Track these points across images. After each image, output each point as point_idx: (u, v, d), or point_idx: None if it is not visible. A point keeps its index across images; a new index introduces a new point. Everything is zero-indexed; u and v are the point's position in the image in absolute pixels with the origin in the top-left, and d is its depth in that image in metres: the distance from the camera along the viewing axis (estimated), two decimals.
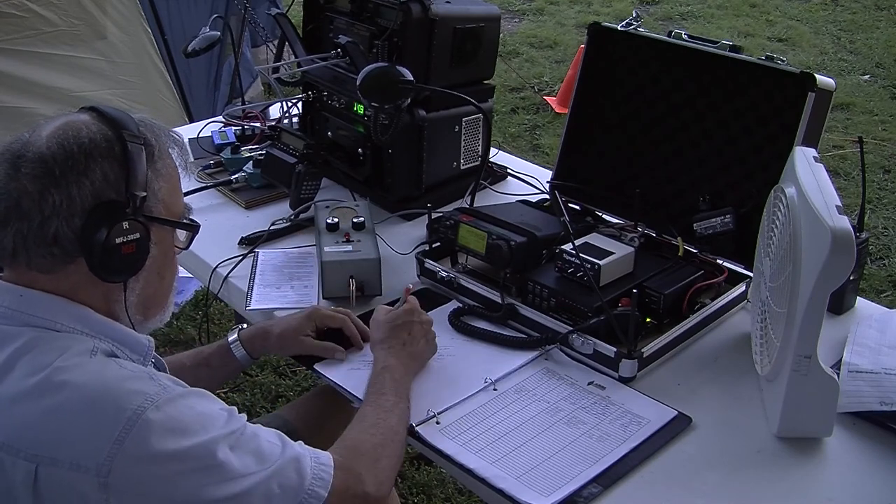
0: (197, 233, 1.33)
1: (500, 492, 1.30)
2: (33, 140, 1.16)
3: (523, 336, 1.63)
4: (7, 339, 1.15)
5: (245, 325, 1.67)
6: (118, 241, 1.15)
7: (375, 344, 1.55)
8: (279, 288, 1.82)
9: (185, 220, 1.30)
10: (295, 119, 2.37)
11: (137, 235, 1.17)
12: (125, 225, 1.16)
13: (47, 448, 1.08)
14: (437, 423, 1.44)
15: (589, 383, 1.53)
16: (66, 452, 1.07)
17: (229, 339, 1.63)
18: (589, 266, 1.60)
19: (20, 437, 1.09)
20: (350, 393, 1.52)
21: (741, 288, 1.72)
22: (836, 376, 1.37)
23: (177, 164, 1.28)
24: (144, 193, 1.19)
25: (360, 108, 2.10)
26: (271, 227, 2.00)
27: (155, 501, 1.09)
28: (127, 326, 1.23)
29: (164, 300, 1.31)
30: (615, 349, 1.52)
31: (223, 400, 1.21)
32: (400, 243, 1.96)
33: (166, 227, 1.26)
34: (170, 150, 1.27)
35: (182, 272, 1.55)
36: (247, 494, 1.13)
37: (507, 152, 2.49)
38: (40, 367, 1.11)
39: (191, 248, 1.36)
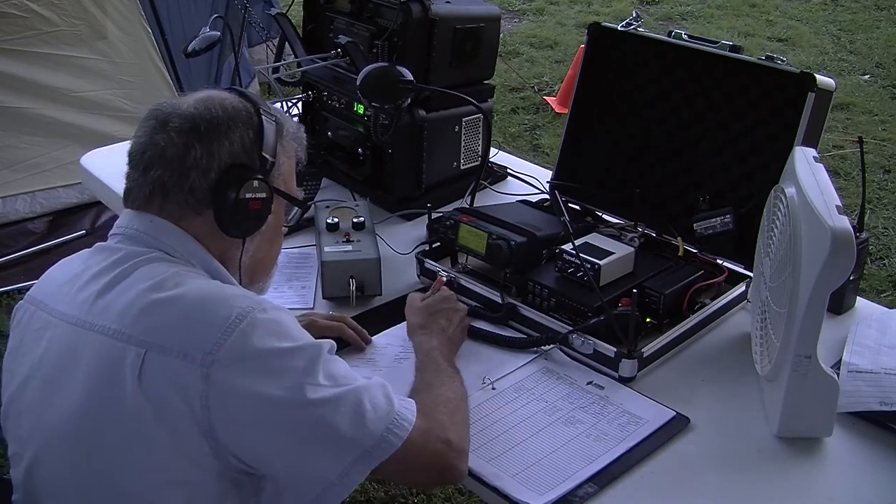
0: (304, 214, 1.43)
1: (496, 490, 1.30)
2: (180, 104, 1.29)
3: (523, 336, 1.63)
4: (132, 254, 1.25)
5: None
6: (247, 195, 1.27)
7: (414, 329, 1.60)
8: (278, 288, 1.81)
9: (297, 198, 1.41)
10: (295, 119, 2.37)
11: (264, 195, 1.29)
12: (255, 183, 1.27)
13: (158, 335, 1.14)
14: None
15: (588, 383, 1.53)
16: (176, 341, 1.13)
17: None
18: (589, 266, 1.60)
19: (133, 324, 1.15)
20: None
21: (741, 288, 1.72)
22: (835, 376, 1.37)
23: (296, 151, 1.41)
24: (273, 160, 1.31)
25: (360, 108, 2.10)
26: None
27: (251, 399, 1.12)
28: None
29: (269, 268, 1.44)
30: (615, 349, 1.52)
31: None
32: (400, 243, 1.96)
33: (280, 201, 1.37)
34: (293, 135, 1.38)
35: None
36: (339, 401, 1.17)
37: (507, 152, 2.48)
38: (156, 274, 1.21)
39: None
